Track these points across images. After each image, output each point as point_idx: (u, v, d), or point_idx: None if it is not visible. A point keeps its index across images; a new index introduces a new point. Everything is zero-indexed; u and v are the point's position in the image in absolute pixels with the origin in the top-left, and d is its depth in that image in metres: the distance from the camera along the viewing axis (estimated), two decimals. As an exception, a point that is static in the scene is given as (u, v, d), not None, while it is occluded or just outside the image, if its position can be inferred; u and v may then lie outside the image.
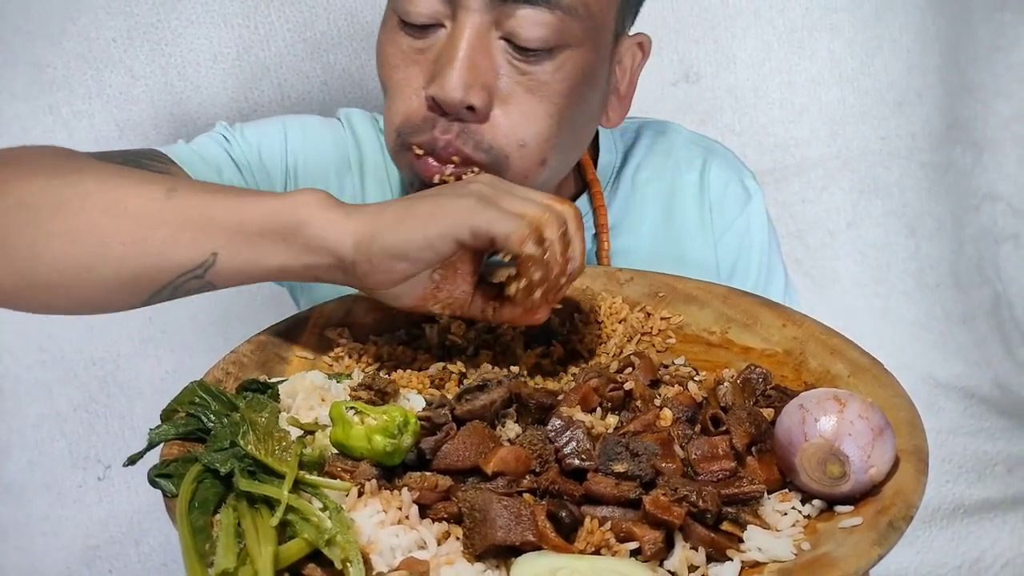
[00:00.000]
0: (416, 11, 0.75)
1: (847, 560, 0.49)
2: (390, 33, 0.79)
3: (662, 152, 0.99)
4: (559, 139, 0.80)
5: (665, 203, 0.97)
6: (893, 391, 0.64)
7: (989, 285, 1.95)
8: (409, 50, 0.78)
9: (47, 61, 1.44)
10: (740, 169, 1.01)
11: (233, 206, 0.64)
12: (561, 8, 0.74)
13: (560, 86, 0.77)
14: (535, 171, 0.80)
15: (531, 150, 0.78)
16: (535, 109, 0.77)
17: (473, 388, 0.63)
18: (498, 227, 0.63)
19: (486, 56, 0.75)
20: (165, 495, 0.56)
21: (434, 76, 0.75)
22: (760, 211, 0.99)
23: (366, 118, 0.98)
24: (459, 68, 0.74)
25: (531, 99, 0.77)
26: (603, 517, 0.54)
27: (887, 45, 1.86)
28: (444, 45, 0.76)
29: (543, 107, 0.77)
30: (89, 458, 1.62)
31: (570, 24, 0.75)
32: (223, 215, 0.63)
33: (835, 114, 1.88)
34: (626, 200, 0.96)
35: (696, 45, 1.77)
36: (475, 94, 0.74)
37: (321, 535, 0.49)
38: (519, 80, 0.76)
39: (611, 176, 0.97)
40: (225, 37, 1.49)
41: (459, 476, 0.57)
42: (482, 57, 0.75)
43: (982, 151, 1.92)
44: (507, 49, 0.76)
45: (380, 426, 0.56)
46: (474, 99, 0.74)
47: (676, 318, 0.80)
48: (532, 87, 0.77)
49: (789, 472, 0.57)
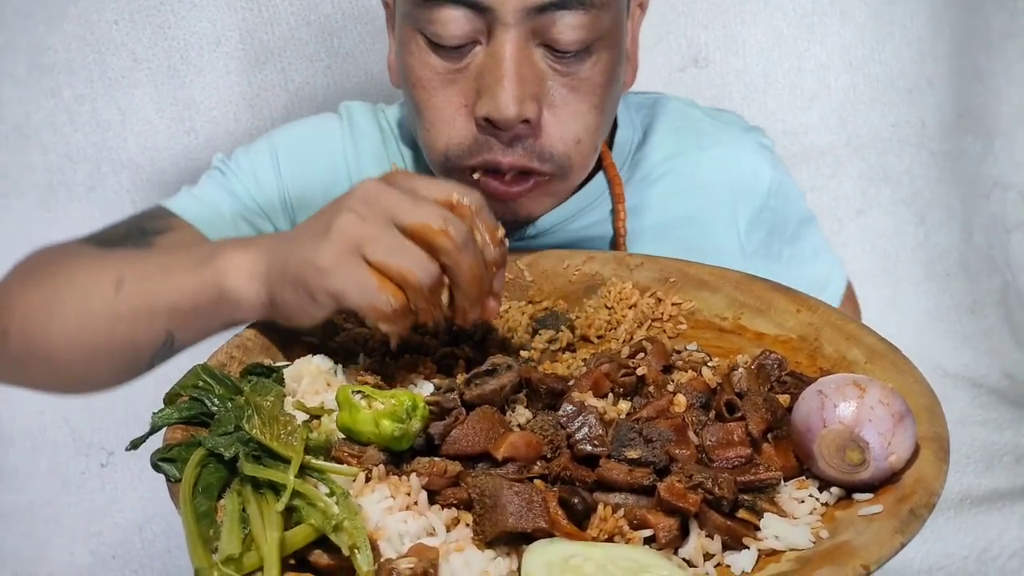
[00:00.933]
0: (449, 33, 0.75)
1: (868, 548, 0.48)
2: (419, 55, 0.78)
3: (682, 130, 0.98)
4: (605, 122, 0.82)
5: (689, 181, 0.96)
6: (912, 377, 0.62)
7: (999, 274, 1.93)
8: (444, 71, 0.77)
9: (48, 44, 1.43)
10: (752, 130, 1.02)
11: (168, 289, 0.68)
12: (595, 6, 0.74)
13: (600, 78, 0.78)
14: (591, 158, 0.83)
15: (585, 143, 0.80)
16: (580, 106, 0.78)
17: (482, 373, 0.62)
18: (353, 301, 0.60)
19: (530, 67, 0.75)
20: (168, 480, 0.55)
21: (481, 95, 0.75)
22: (778, 163, 1.00)
23: (367, 111, 0.98)
24: (508, 84, 0.73)
25: (576, 97, 0.78)
26: (616, 504, 0.53)
27: (898, 31, 1.84)
28: (485, 63, 0.75)
29: (587, 102, 0.78)
30: (92, 445, 1.61)
31: (602, 17, 0.76)
32: (160, 301, 0.68)
33: (845, 101, 1.86)
34: (645, 179, 0.95)
35: (705, 30, 1.75)
36: (528, 107, 0.75)
37: (328, 521, 0.48)
38: (563, 82, 0.77)
39: (629, 153, 0.95)
40: (228, 20, 1.48)
41: (468, 461, 0.56)
42: (527, 69, 0.75)
43: (993, 139, 1.90)
44: (547, 56, 0.76)
45: (388, 411, 0.55)
46: (528, 112, 0.75)
47: (687, 304, 0.79)
48: (575, 86, 0.77)
49: (807, 459, 0.56)
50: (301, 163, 0.94)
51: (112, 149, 1.49)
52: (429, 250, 0.60)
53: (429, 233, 0.59)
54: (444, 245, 0.60)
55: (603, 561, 0.48)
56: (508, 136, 0.76)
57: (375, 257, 0.59)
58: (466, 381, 0.62)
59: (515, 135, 0.76)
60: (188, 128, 1.51)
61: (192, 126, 1.51)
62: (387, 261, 0.59)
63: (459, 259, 0.60)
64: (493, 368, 0.62)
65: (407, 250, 0.59)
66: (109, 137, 1.48)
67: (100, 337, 0.71)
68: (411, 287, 0.59)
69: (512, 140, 0.77)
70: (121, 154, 1.49)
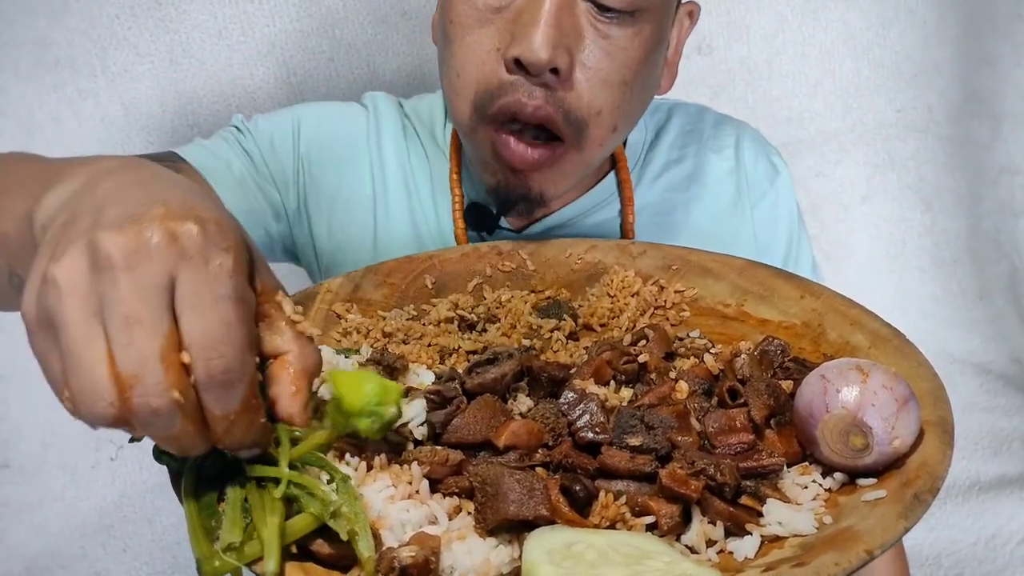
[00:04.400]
0: None
1: (872, 533, 0.47)
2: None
3: (694, 132, 0.98)
4: (629, 106, 0.79)
5: (699, 183, 0.96)
6: (916, 361, 0.62)
7: (1006, 260, 1.92)
8: (485, 8, 0.75)
9: (51, 39, 1.43)
10: (767, 146, 1.01)
11: (10, 208, 0.54)
12: None
13: (637, 52, 0.77)
14: (608, 138, 0.80)
15: (605, 117, 0.78)
16: (612, 76, 0.76)
17: (483, 361, 0.61)
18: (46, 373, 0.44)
19: (570, 17, 0.74)
20: (170, 471, 0.55)
21: (515, 36, 0.73)
22: (788, 186, 0.99)
23: (391, 102, 0.98)
24: (544, 28, 0.72)
25: (610, 65, 0.76)
26: (618, 491, 0.53)
27: (903, 16, 1.82)
28: (525, 5, 0.74)
29: (620, 74, 0.77)
30: (101, 439, 1.62)
31: None
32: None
33: (850, 86, 1.84)
34: (655, 180, 0.95)
35: (709, 17, 1.74)
36: (560, 56, 0.73)
37: (326, 508, 0.48)
38: (600, 44, 0.75)
39: (640, 154, 0.96)
40: (230, 13, 1.48)
41: (470, 450, 0.56)
42: (567, 17, 0.73)
43: (1000, 124, 1.88)
44: (590, 11, 0.74)
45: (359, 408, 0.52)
46: (560, 61, 0.73)
47: (690, 291, 0.78)
48: (612, 52, 0.76)
49: (810, 444, 0.56)
50: (322, 141, 0.93)
51: (116, 144, 1.49)
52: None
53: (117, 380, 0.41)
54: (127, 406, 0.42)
55: (604, 548, 0.48)
56: (536, 82, 0.74)
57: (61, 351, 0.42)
58: (467, 370, 0.61)
59: (543, 83, 0.74)
60: (191, 122, 1.51)
61: (195, 120, 1.51)
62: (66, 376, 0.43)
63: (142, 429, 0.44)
64: (494, 356, 0.62)
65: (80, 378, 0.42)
66: (112, 132, 1.48)
67: None
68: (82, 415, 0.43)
69: (538, 89, 0.75)
70: (125, 148, 1.49)
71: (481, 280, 0.82)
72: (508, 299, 0.79)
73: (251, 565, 0.47)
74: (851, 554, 0.46)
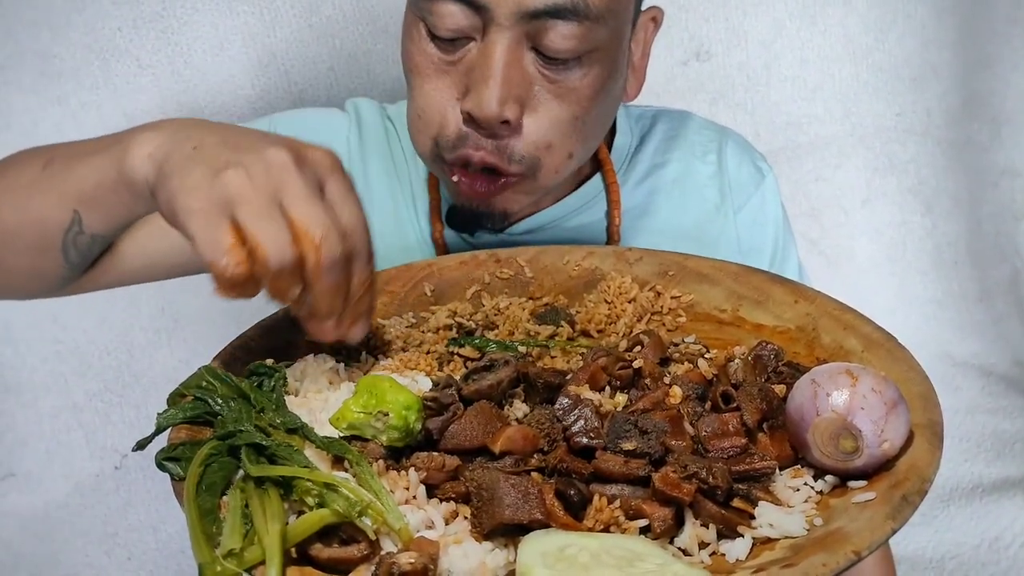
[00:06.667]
0: (445, 26, 0.75)
1: (860, 535, 0.48)
2: (417, 42, 0.79)
3: (677, 137, 0.99)
4: (583, 133, 0.81)
5: (681, 187, 0.97)
6: (907, 365, 0.63)
7: (1007, 262, 1.92)
8: (439, 61, 0.78)
9: (54, 52, 1.44)
10: (752, 151, 1.02)
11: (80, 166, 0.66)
12: (590, 18, 0.74)
13: (588, 91, 0.78)
14: (564, 164, 0.82)
15: (557, 148, 0.80)
16: (561, 114, 0.78)
17: (480, 368, 0.62)
18: (198, 248, 0.54)
19: (518, 70, 0.75)
20: (173, 478, 0.56)
21: (468, 90, 0.76)
22: (773, 191, 1.00)
23: (374, 107, 0.99)
24: (494, 85, 0.74)
25: (559, 105, 0.78)
26: (612, 495, 0.54)
27: (901, 19, 1.83)
28: (477, 60, 0.76)
29: (570, 111, 0.78)
30: (106, 447, 1.63)
31: (597, 31, 0.76)
32: (72, 177, 0.67)
33: (849, 91, 1.85)
34: (640, 183, 0.96)
35: (707, 23, 1.75)
36: (510, 108, 0.75)
37: (352, 506, 0.49)
38: (549, 89, 0.77)
39: (626, 158, 0.97)
40: (231, 24, 1.49)
41: (466, 456, 0.57)
42: (515, 71, 0.75)
43: (1000, 126, 1.89)
44: (537, 60, 0.76)
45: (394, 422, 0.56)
46: (509, 114, 0.75)
47: (687, 297, 0.79)
48: (562, 94, 0.78)
49: (801, 448, 0.57)
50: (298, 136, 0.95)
51: (119, 155, 1.50)
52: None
53: (303, 238, 0.55)
54: (308, 257, 0.55)
55: (598, 551, 0.48)
56: (486, 134, 0.77)
57: (242, 218, 0.54)
58: (464, 376, 0.62)
59: (493, 134, 0.77)
60: (194, 132, 1.52)
61: (197, 130, 1.52)
62: (250, 227, 0.54)
63: (316, 278, 0.56)
64: (491, 363, 0.63)
65: (272, 228, 0.54)
66: (116, 143, 1.50)
67: (15, 214, 0.70)
68: (259, 262, 0.54)
69: (487, 140, 0.77)
70: (128, 159, 1.50)
71: (479, 287, 0.83)
72: (506, 306, 0.80)
73: (251, 570, 0.48)
74: (839, 555, 0.47)
